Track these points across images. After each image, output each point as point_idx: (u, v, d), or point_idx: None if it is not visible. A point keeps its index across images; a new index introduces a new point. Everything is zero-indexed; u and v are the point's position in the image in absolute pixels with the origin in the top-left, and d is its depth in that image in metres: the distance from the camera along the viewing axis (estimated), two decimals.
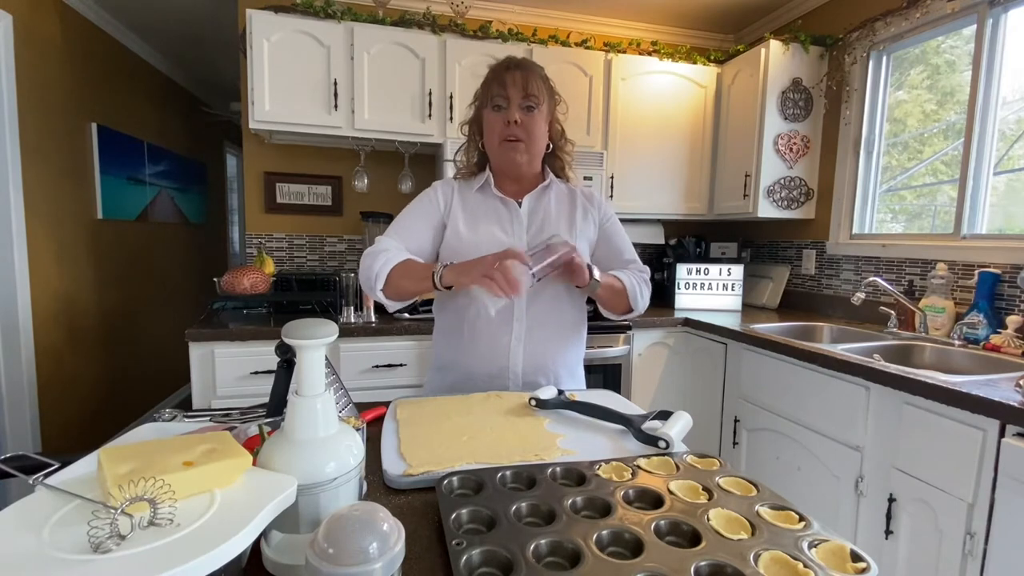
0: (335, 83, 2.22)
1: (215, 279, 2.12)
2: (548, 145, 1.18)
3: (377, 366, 2.02)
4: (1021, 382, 1.23)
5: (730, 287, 2.65)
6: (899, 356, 1.82)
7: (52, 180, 2.61)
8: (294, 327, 0.54)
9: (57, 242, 2.66)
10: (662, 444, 0.80)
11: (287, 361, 0.78)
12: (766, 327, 2.17)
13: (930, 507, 1.34)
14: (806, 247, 2.63)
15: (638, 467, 0.72)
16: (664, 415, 0.87)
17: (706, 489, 0.65)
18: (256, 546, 0.53)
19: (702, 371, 2.35)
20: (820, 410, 1.69)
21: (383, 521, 0.42)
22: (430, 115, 2.34)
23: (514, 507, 0.60)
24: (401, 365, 2.05)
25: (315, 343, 0.53)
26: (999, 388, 1.27)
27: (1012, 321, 1.67)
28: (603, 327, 2.25)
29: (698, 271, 2.68)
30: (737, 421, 2.10)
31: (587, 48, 2.56)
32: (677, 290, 2.70)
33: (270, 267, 2.33)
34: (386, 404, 1.03)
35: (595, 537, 0.54)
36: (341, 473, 0.53)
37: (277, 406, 0.79)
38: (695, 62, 2.70)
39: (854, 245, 2.38)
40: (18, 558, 0.38)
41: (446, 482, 0.66)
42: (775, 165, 2.49)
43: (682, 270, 2.70)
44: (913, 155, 2.25)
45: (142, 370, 3.56)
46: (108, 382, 3.14)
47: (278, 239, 2.65)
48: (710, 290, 2.67)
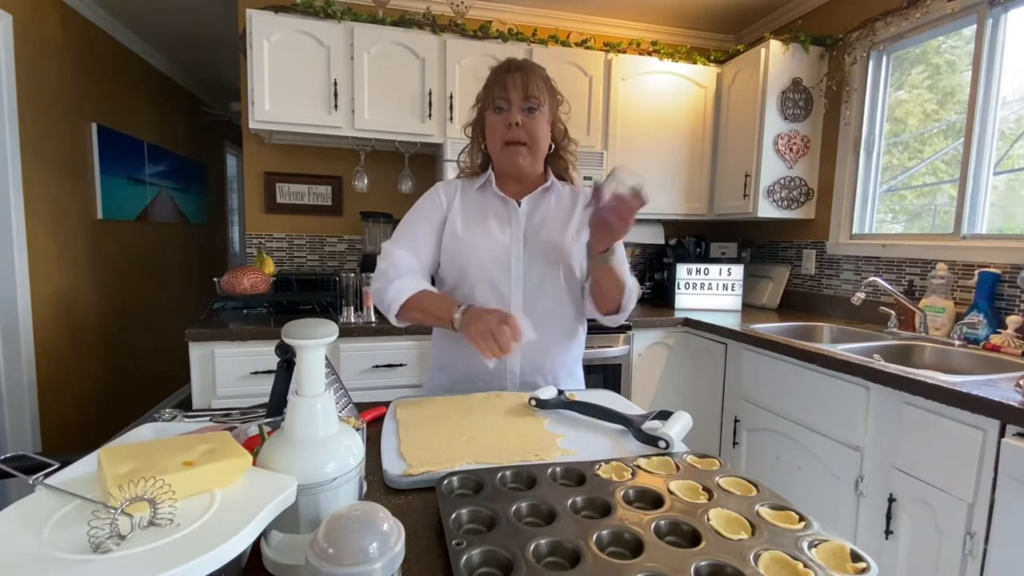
0: (335, 83, 2.22)
1: (215, 279, 2.12)
2: (551, 145, 1.17)
3: (377, 366, 2.02)
4: (1021, 382, 1.23)
5: (730, 287, 2.65)
6: (899, 356, 1.82)
7: (52, 180, 2.61)
8: (294, 327, 0.54)
9: (57, 242, 2.66)
10: (662, 444, 0.80)
11: (287, 361, 0.78)
12: (766, 327, 2.17)
13: (930, 507, 1.34)
14: (806, 247, 2.63)
15: (638, 467, 0.72)
16: (664, 415, 0.87)
17: (706, 489, 0.65)
18: (256, 546, 0.53)
19: (702, 371, 2.34)
20: (820, 410, 1.69)
21: (383, 521, 0.42)
22: (430, 115, 2.34)
23: (514, 507, 0.60)
24: (401, 365, 2.05)
25: (315, 343, 0.53)
26: (999, 388, 1.27)
27: (1012, 321, 1.67)
28: (603, 327, 2.22)
29: (698, 271, 2.68)
30: (737, 421, 2.10)
31: (587, 48, 2.56)
32: (677, 290, 2.70)
33: (270, 267, 2.33)
34: (386, 404, 1.03)
35: (595, 537, 0.54)
36: (341, 473, 0.53)
37: (277, 406, 0.79)
38: (695, 62, 2.69)
39: (854, 245, 2.38)
40: (18, 558, 0.38)
41: (446, 482, 0.66)
42: (775, 165, 2.49)
43: (682, 270, 2.70)
44: (913, 155, 2.25)
45: (142, 370, 3.56)
46: (108, 382, 3.14)
47: (278, 239, 2.65)
48: (710, 290, 2.67)
